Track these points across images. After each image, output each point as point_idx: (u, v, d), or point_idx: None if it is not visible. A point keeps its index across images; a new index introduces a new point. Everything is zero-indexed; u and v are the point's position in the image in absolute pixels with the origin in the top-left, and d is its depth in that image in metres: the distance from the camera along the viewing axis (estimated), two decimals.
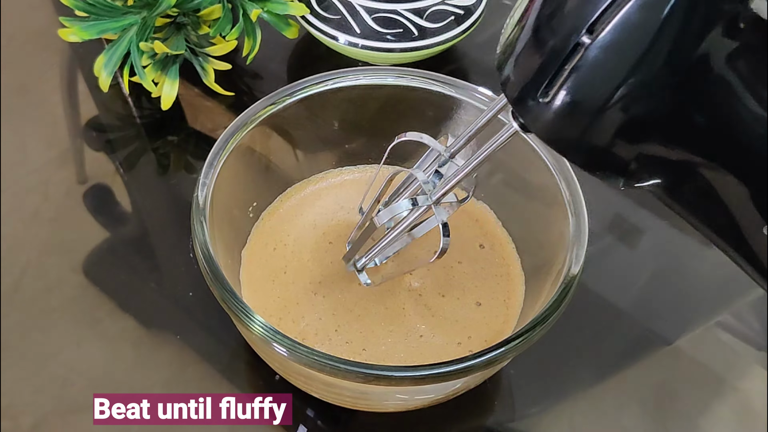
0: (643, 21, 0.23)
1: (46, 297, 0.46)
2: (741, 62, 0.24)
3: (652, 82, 0.24)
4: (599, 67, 0.25)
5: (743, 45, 0.24)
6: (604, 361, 0.46)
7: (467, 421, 0.43)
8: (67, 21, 0.50)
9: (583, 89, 0.25)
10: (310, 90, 0.44)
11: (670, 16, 0.23)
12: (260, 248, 0.44)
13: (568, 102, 0.25)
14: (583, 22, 0.24)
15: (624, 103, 0.25)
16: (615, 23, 0.24)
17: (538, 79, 0.26)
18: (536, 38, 0.26)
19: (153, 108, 0.56)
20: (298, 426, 0.42)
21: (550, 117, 0.26)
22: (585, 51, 0.24)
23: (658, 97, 0.25)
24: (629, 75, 0.24)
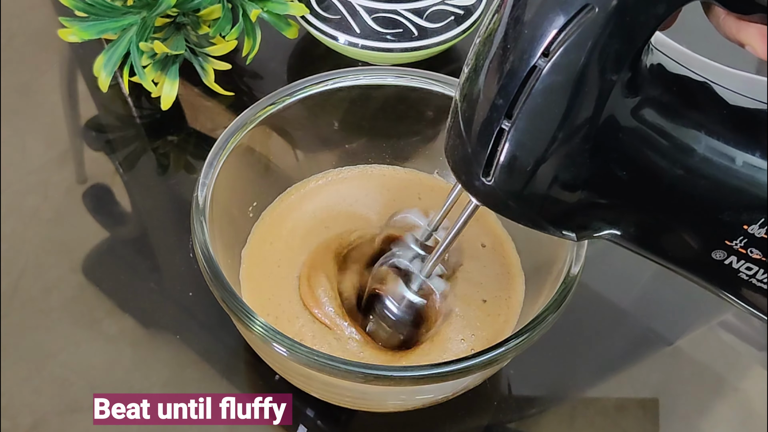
0: (547, 106, 0.26)
1: (45, 297, 0.46)
2: (645, 113, 0.27)
3: (570, 152, 0.27)
4: (523, 149, 0.27)
5: (643, 98, 0.27)
6: (604, 361, 0.46)
7: (467, 421, 0.43)
8: (67, 21, 0.50)
9: (516, 169, 0.28)
10: (310, 90, 0.44)
11: (569, 97, 0.26)
12: (259, 246, 0.44)
13: (505, 181, 0.29)
14: (502, 109, 0.27)
15: (553, 176, 0.28)
16: (527, 108, 0.26)
17: (478, 165, 0.29)
18: (467, 129, 0.29)
19: (153, 108, 0.56)
20: (298, 426, 0.42)
21: (495, 194, 0.29)
22: (508, 136, 0.27)
23: (580, 163, 0.28)
24: (550, 152, 0.27)
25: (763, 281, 0.28)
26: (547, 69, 0.25)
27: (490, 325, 0.41)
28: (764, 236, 0.27)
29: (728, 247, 0.28)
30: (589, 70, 0.25)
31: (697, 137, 0.27)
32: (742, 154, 0.26)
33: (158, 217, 0.52)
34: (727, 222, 0.27)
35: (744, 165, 0.26)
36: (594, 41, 0.25)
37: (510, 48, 0.26)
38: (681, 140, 0.27)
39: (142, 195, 0.53)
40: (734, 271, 0.28)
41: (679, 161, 0.27)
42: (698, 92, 0.27)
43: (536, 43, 0.25)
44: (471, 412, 0.43)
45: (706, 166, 0.27)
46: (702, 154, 0.27)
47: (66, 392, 0.43)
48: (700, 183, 0.27)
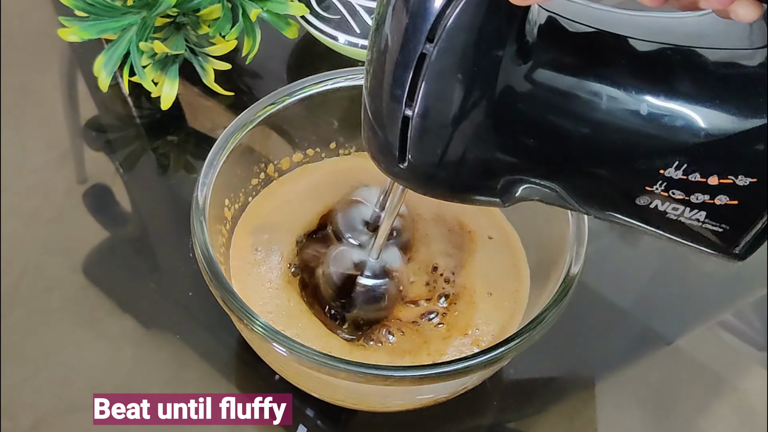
0: (442, 89, 0.27)
1: (45, 297, 0.46)
2: (540, 77, 0.27)
3: (475, 129, 0.28)
4: (428, 134, 0.28)
5: (535, 64, 0.27)
6: (604, 360, 0.46)
7: (467, 421, 0.43)
8: (67, 21, 0.50)
9: (427, 152, 0.29)
10: (310, 90, 0.44)
11: (461, 78, 0.27)
12: (242, 244, 0.44)
13: (419, 164, 0.30)
14: (401, 98, 0.28)
15: (462, 153, 0.29)
16: (424, 95, 0.27)
17: (392, 154, 0.30)
18: (376, 121, 0.30)
19: (153, 108, 0.56)
20: (298, 426, 0.42)
21: (413, 176, 0.30)
22: (412, 123, 0.28)
23: (487, 138, 0.28)
24: (455, 132, 0.28)
25: (692, 218, 0.28)
26: (434, 55, 0.26)
27: (495, 320, 0.41)
28: (682, 177, 0.27)
29: (650, 192, 0.28)
30: (474, 50, 0.26)
31: (597, 92, 0.27)
32: (647, 100, 0.27)
33: (158, 217, 0.52)
34: (643, 169, 0.28)
35: (650, 112, 0.27)
36: (473, 22, 0.26)
37: (397, 38, 0.27)
38: (581, 97, 0.27)
39: (142, 195, 0.53)
40: (662, 213, 0.29)
41: (583, 119, 0.27)
42: (592, 45, 0.27)
43: (420, 31, 0.26)
44: (471, 412, 0.43)
45: (611, 120, 0.27)
46: (605, 108, 0.27)
47: (66, 392, 0.43)
48: (609, 137, 0.27)
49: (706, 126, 0.26)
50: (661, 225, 0.29)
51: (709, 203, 0.28)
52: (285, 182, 0.47)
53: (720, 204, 0.28)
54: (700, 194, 0.27)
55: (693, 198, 0.28)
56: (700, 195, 0.27)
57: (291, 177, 0.47)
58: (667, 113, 0.26)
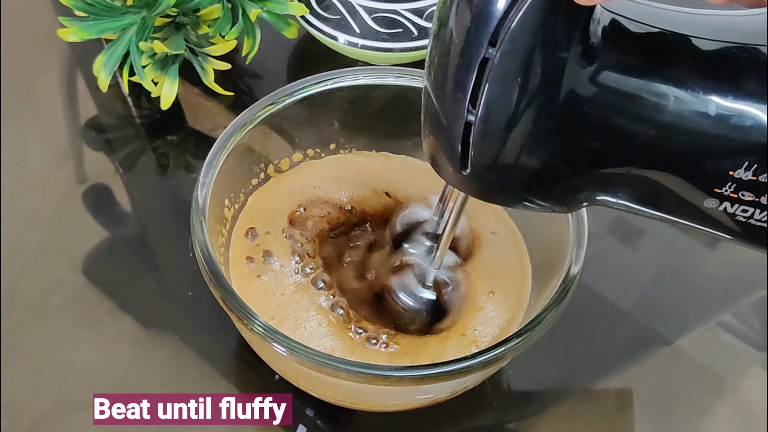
0: (505, 94, 0.27)
1: (45, 297, 0.46)
2: (605, 80, 0.27)
3: (539, 134, 0.28)
4: (491, 139, 0.28)
5: (600, 66, 0.27)
6: (604, 361, 0.46)
7: (467, 421, 0.43)
8: (67, 21, 0.50)
9: (490, 158, 0.29)
10: (310, 90, 0.44)
11: (525, 82, 0.26)
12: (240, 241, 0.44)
13: (482, 171, 0.29)
14: (464, 102, 0.27)
15: (527, 159, 0.28)
16: (486, 100, 0.27)
17: (454, 160, 0.29)
18: (437, 127, 0.29)
19: (152, 108, 0.56)
20: (298, 426, 0.42)
21: (476, 183, 0.30)
22: (475, 129, 0.28)
23: (551, 142, 0.28)
24: (519, 137, 0.28)
25: (762, 220, 0.28)
26: (497, 59, 0.26)
27: (496, 319, 0.41)
28: (752, 178, 0.27)
29: (719, 195, 0.28)
30: (538, 53, 0.26)
31: (663, 93, 0.26)
32: (714, 101, 0.26)
33: (158, 216, 0.52)
34: (712, 171, 0.27)
35: (718, 112, 0.26)
36: (536, 24, 0.25)
37: (458, 42, 0.27)
38: (647, 99, 0.27)
39: (142, 195, 0.53)
40: (731, 215, 0.28)
41: (649, 121, 0.27)
42: (656, 45, 0.27)
43: (482, 35, 0.26)
44: (471, 412, 0.43)
45: (678, 121, 0.27)
46: (672, 109, 0.26)
47: (66, 392, 0.43)
48: (676, 139, 0.27)
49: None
50: (729, 228, 0.29)
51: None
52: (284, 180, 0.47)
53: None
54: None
55: (763, 199, 0.27)
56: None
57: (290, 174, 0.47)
58: (735, 113, 0.26)
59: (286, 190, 0.46)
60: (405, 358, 0.39)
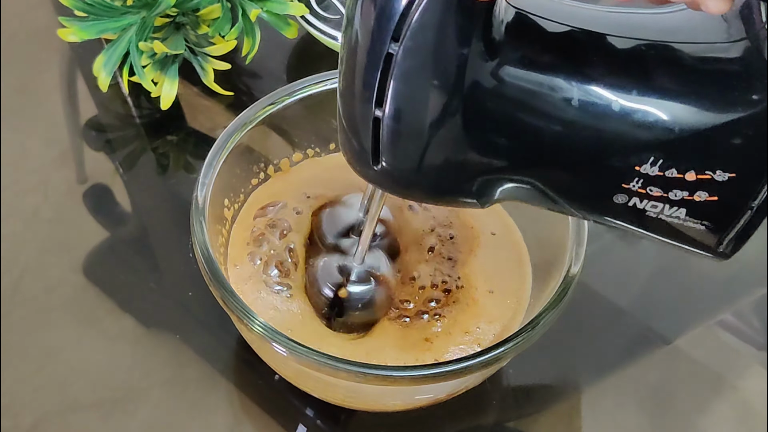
0: (410, 89, 0.27)
1: (45, 297, 0.46)
2: (508, 76, 0.27)
3: (445, 129, 0.28)
4: (399, 135, 0.28)
5: (503, 61, 0.27)
6: (604, 360, 0.46)
7: (467, 421, 0.43)
8: (67, 21, 0.50)
9: (398, 154, 0.29)
10: (310, 90, 0.44)
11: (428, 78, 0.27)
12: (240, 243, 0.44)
13: (392, 166, 0.30)
14: (371, 99, 0.27)
15: (435, 153, 0.29)
16: (392, 95, 0.27)
17: (365, 155, 0.30)
18: (348, 123, 0.30)
19: (152, 107, 0.56)
20: (298, 426, 0.42)
21: (387, 178, 0.30)
22: (383, 124, 0.28)
23: (458, 137, 0.28)
24: (425, 132, 0.28)
25: (672, 215, 0.28)
26: (400, 55, 0.26)
27: (497, 318, 0.41)
28: (659, 173, 0.27)
29: (627, 190, 0.28)
30: (439, 49, 0.26)
31: (567, 89, 0.27)
32: (618, 97, 0.26)
33: (158, 216, 0.52)
34: (619, 167, 0.27)
35: (621, 108, 0.26)
36: (436, 20, 0.25)
37: (364, 38, 0.27)
38: (551, 95, 0.27)
39: (142, 195, 0.53)
40: (641, 211, 0.28)
41: (554, 117, 0.27)
42: (563, 42, 0.27)
43: (385, 30, 0.26)
44: (471, 412, 0.43)
45: (583, 118, 0.27)
46: (576, 105, 0.27)
47: (66, 391, 0.43)
48: (582, 134, 0.27)
49: (680, 121, 0.26)
50: (642, 224, 0.29)
51: (689, 200, 0.27)
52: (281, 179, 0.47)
53: (700, 200, 0.27)
54: (678, 191, 0.27)
55: (671, 195, 0.27)
56: (679, 191, 0.27)
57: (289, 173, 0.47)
58: (639, 109, 0.26)
59: (287, 188, 0.46)
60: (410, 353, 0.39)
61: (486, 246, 0.44)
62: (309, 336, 0.40)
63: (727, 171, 0.26)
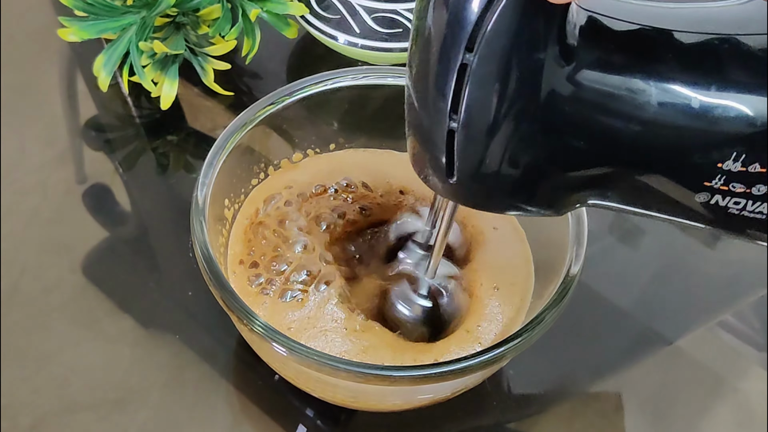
0: (486, 99, 0.27)
1: (45, 297, 0.46)
2: (584, 79, 0.27)
3: (522, 137, 0.28)
4: (475, 145, 0.28)
5: (579, 65, 0.26)
6: (604, 361, 0.46)
7: (467, 421, 0.43)
8: (67, 21, 0.50)
9: (475, 166, 0.29)
10: (310, 90, 0.44)
11: (504, 86, 0.26)
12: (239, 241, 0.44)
13: (469, 178, 0.29)
14: (445, 110, 0.27)
15: (513, 163, 0.28)
16: (467, 106, 0.27)
17: (440, 169, 0.29)
18: (421, 136, 0.29)
19: (152, 107, 0.56)
20: (298, 426, 0.42)
21: (464, 191, 0.30)
22: (458, 136, 0.28)
23: (535, 144, 0.28)
24: (502, 142, 0.28)
25: (755, 211, 0.28)
26: (475, 64, 0.26)
27: (498, 317, 0.41)
28: (741, 169, 0.26)
29: (709, 188, 0.27)
30: (515, 56, 0.26)
31: (645, 89, 0.26)
32: (697, 94, 0.26)
33: (158, 216, 0.52)
34: (701, 164, 0.27)
35: (701, 105, 0.26)
36: (511, 27, 0.25)
37: (436, 50, 0.26)
38: (629, 96, 0.27)
39: (142, 195, 0.53)
40: (723, 208, 0.28)
41: (633, 118, 0.27)
42: (635, 41, 0.27)
43: (459, 41, 0.26)
44: (471, 412, 0.43)
45: (662, 116, 0.26)
46: (655, 104, 0.26)
47: (65, 392, 0.43)
48: (661, 134, 0.27)
49: (762, 114, 0.25)
50: (723, 222, 0.29)
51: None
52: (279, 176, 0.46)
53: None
54: (762, 185, 0.27)
55: (755, 190, 0.27)
56: (762, 186, 0.27)
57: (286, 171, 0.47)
58: (719, 104, 0.26)
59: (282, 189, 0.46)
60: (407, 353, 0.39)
61: (489, 242, 0.44)
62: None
63: None
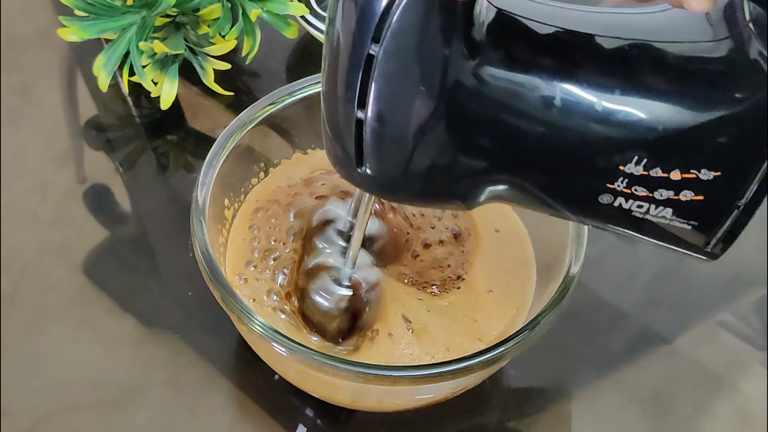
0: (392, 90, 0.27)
1: (45, 297, 0.46)
2: (490, 76, 0.27)
3: (428, 131, 0.28)
4: (382, 137, 0.28)
5: (484, 61, 0.27)
6: (604, 360, 0.46)
7: (467, 421, 0.43)
8: (67, 20, 0.50)
9: (383, 156, 0.29)
10: (310, 90, 0.44)
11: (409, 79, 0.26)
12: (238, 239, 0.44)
13: (377, 169, 0.29)
14: (353, 101, 0.27)
15: (419, 156, 0.29)
16: (374, 96, 0.27)
17: (349, 159, 0.30)
18: (332, 126, 0.30)
19: (152, 107, 0.56)
20: (298, 425, 0.42)
21: (373, 181, 0.30)
22: (365, 127, 0.28)
23: (441, 140, 0.28)
24: (408, 135, 0.28)
25: (659, 215, 0.28)
26: (381, 56, 0.26)
27: (500, 317, 0.41)
28: (643, 173, 0.27)
29: (612, 190, 0.28)
30: (420, 50, 0.26)
31: (549, 89, 0.27)
32: (601, 97, 0.26)
33: (158, 216, 0.52)
34: (603, 167, 0.27)
35: (604, 109, 0.26)
36: (415, 21, 0.25)
37: (345, 39, 0.27)
38: (533, 95, 0.27)
39: (142, 194, 0.53)
40: (627, 211, 0.28)
41: (537, 118, 0.27)
42: (545, 42, 0.27)
43: (366, 32, 0.26)
44: (471, 412, 0.43)
45: (566, 118, 0.27)
46: (559, 105, 0.27)
47: (65, 391, 0.43)
48: (565, 135, 0.27)
49: (664, 120, 0.26)
50: (629, 225, 0.29)
51: (674, 199, 0.27)
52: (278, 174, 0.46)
53: (686, 200, 0.27)
54: (663, 190, 0.27)
55: (657, 194, 0.27)
56: (664, 191, 0.27)
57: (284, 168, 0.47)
58: (622, 109, 0.26)
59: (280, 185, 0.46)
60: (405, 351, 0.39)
61: (490, 244, 0.44)
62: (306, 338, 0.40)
63: (713, 170, 0.26)
